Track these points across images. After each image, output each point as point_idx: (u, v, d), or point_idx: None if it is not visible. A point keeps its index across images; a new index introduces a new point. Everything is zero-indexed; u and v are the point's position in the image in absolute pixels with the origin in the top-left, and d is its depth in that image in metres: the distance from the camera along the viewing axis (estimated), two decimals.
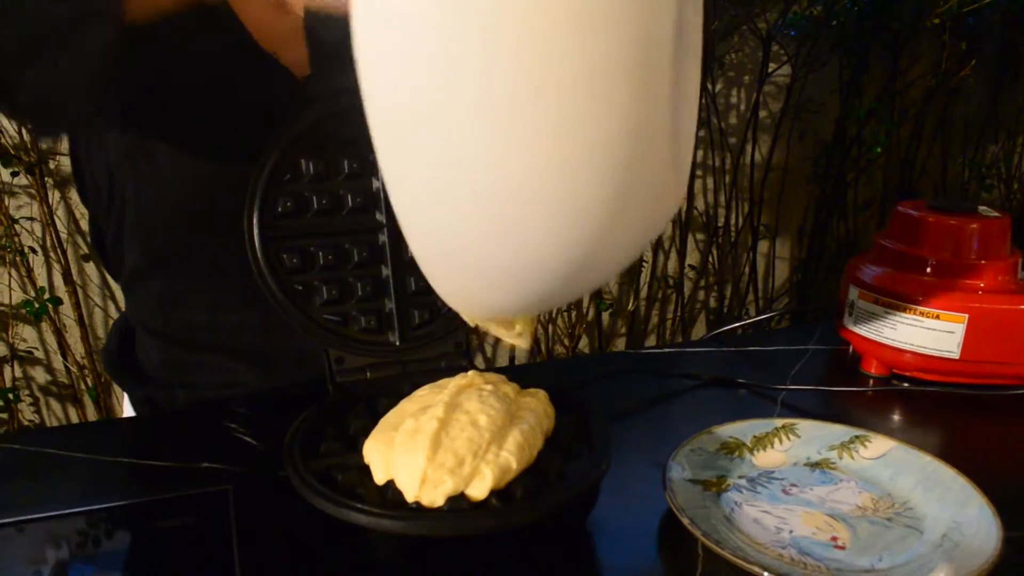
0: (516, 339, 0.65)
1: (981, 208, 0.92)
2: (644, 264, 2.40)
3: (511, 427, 0.60)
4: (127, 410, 0.99)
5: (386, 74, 0.44)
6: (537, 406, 0.65)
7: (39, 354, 1.93)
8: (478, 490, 0.56)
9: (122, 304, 1.92)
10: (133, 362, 0.95)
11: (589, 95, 0.43)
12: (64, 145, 1.76)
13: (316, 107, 0.75)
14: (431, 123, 0.44)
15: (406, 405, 0.65)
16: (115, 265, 0.94)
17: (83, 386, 1.96)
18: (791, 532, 0.62)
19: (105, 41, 0.65)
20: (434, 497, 0.55)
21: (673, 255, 2.45)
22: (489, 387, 0.65)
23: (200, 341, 0.89)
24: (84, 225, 1.86)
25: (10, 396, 1.87)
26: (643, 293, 2.46)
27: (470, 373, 0.68)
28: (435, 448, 0.57)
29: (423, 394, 0.66)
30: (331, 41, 0.83)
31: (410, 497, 0.56)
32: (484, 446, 0.57)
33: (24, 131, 1.73)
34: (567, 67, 0.41)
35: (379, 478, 0.58)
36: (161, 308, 0.90)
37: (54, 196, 1.81)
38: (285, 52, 0.82)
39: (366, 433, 0.63)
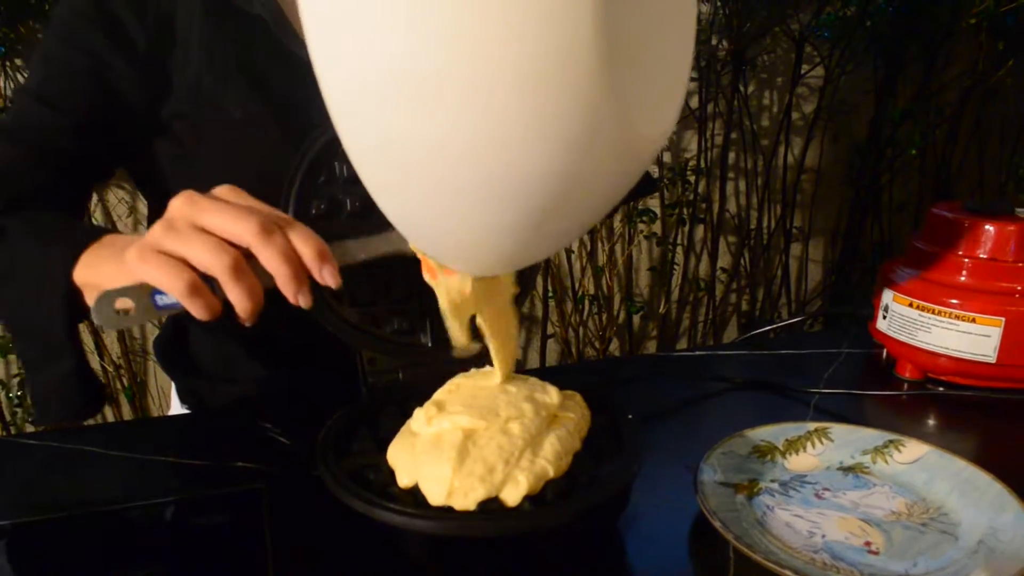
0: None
1: (1018, 210, 0.91)
2: (676, 267, 2.39)
3: (547, 433, 0.60)
4: (174, 400, 1.02)
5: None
6: (575, 409, 0.65)
7: None
8: (512, 496, 0.56)
9: None
10: (185, 354, 1.00)
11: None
12: None
13: None
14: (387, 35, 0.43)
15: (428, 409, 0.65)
16: None
17: (119, 386, 1.99)
18: (824, 537, 0.62)
19: None
20: (465, 504, 0.55)
21: (705, 258, 2.44)
22: (517, 391, 0.65)
23: (247, 335, 0.92)
24: (121, 227, 1.89)
25: None
26: (674, 296, 2.45)
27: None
28: (462, 458, 0.57)
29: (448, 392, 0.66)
30: None
31: (436, 504, 0.56)
32: (517, 453, 0.57)
33: None
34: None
35: (404, 483, 0.59)
36: None
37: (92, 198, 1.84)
38: None
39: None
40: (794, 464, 0.72)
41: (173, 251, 0.56)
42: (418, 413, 0.63)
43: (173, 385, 1.04)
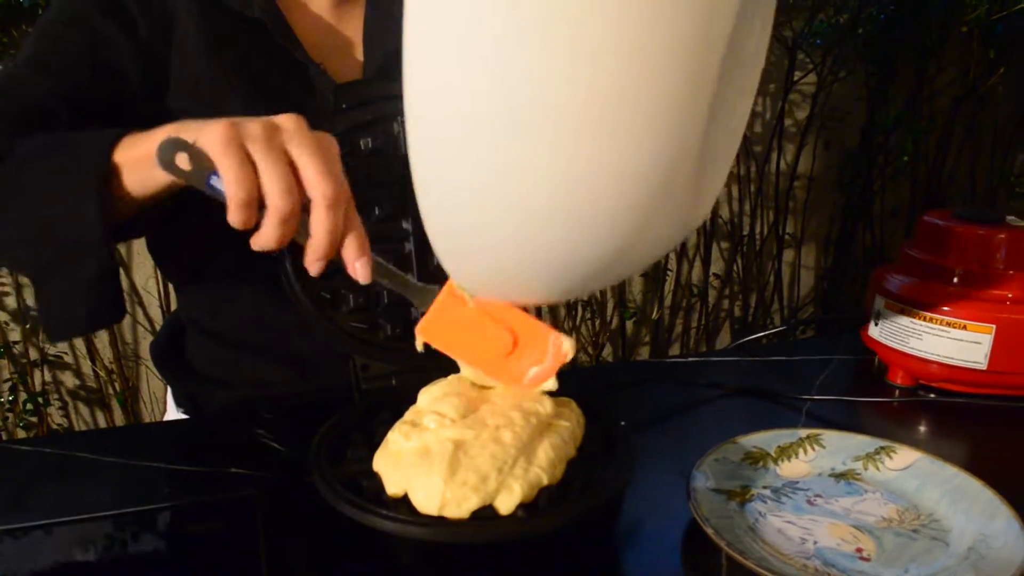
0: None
1: (1009, 218, 0.91)
2: (668, 272, 2.39)
3: (541, 440, 0.60)
4: (170, 404, 1.01)
5: (440, 77, 0.46)
6: (571, 417, 0.65)
7: (68, 359, 1.95)
8: (505, 504, 0.56)
9: (150, 311, 1.95)
10: (181, 358, 1.00)
11: (631, 111, 0.44)
12: None
13: (344, 116, 0.76)
14: (478, 127, 0.46)
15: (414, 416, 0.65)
16: (166, 264, 0.99)
17: (111, 390, 1.98)
18: (816, 543, 0.62)
19: None
20: (459, 514, 0.55)
21: (698, 264, 2.44)
22: (503, 401, 0.65)
23: (244, 340, 0.92)
24: None
25: (40, 400, 1.90)
26: (667, 302, 2.45)
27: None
28: (453, 469, 0.56)
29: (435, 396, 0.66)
30: (387, 51, 0.88)
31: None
32: (510, 462, 0.57)
33: None
34: (614, 82, 0.42)
35: (392, 491, 0.58)
36: (209, 305, 0.94)
37: None
38: (334, 62, 0.85)
39: None
40: (786, 470, 0.72)
41: (256, 158, 0.57)
42: (393, 435, 0.62)
43: (169, 389, 1.04)
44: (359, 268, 0.62)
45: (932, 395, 0.91)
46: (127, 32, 0.79)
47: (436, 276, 0.78)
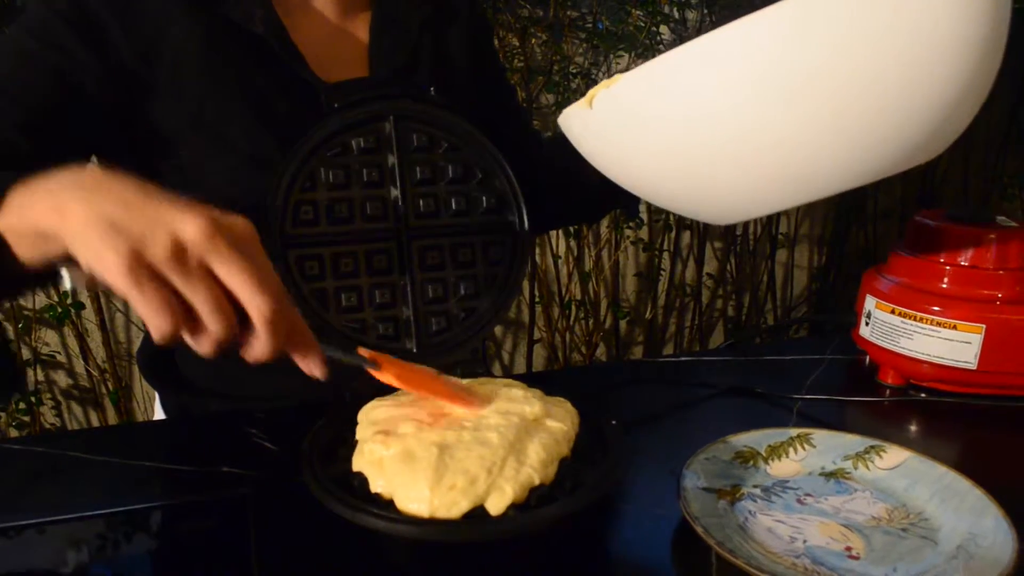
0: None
1: (999, 218, 0.92)
2: (662, 272, 2.40)
3: (531, 440, 0.60)
4: (157, 410, 1.00)
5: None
6: (564, 417, 0.65)
7: (61, 358, 1.95)
8: (496, 505, 0.55)
9: None
10: (171, 367, 0.96)
11: None
12: None
13: (335, 117, 0.76)
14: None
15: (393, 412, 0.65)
16: None
17: (104, 390, 1.98)
18: (805, 542, 0.62)
19: None
20: (449, 516, 0.55)
21: (691, 263, 2.45)
22: (493, 398, 0.65)
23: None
24: None
25: (32, 399, 1.89)
26: (661, 301, 2.46)
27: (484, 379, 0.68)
28: (439, 475, 0.56)
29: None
30: (396, 67, 0.87)
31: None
32: (499, 463, 0.57)
33: None
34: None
35: (378, 491, 0.58)
36: None
37: None
38: (338, 76, 0.84)
39: None
40: (776, 470, 0.72)
41: (176, 285, 0.51)
42: (368, 446, 0.62)
43: (156, 397, 1.02)
44: (312, 367, 0.60)
45: (922, 395, 0.91)
46: (99, 52, 0.76)
47: (428, 275, 0.78)
